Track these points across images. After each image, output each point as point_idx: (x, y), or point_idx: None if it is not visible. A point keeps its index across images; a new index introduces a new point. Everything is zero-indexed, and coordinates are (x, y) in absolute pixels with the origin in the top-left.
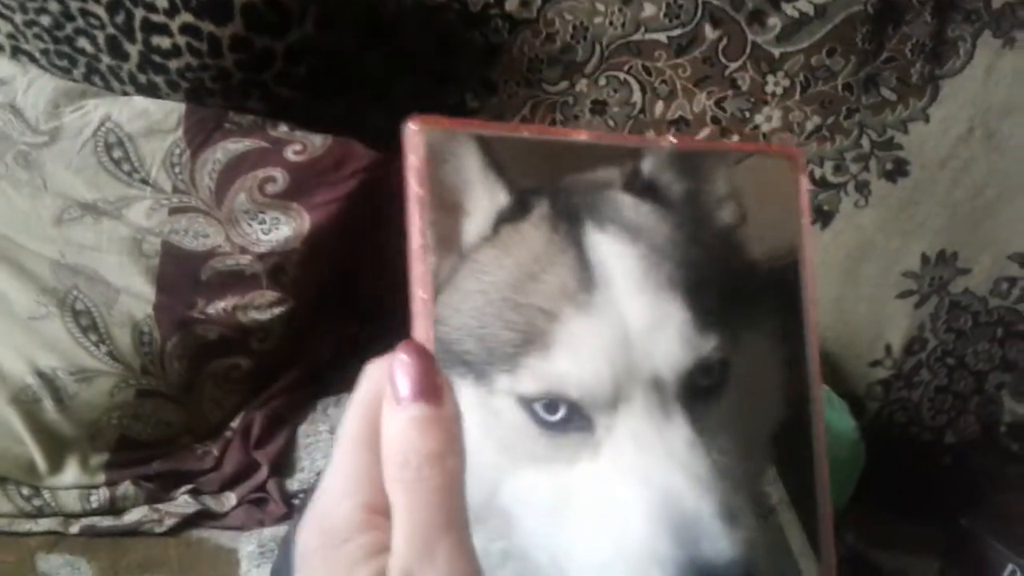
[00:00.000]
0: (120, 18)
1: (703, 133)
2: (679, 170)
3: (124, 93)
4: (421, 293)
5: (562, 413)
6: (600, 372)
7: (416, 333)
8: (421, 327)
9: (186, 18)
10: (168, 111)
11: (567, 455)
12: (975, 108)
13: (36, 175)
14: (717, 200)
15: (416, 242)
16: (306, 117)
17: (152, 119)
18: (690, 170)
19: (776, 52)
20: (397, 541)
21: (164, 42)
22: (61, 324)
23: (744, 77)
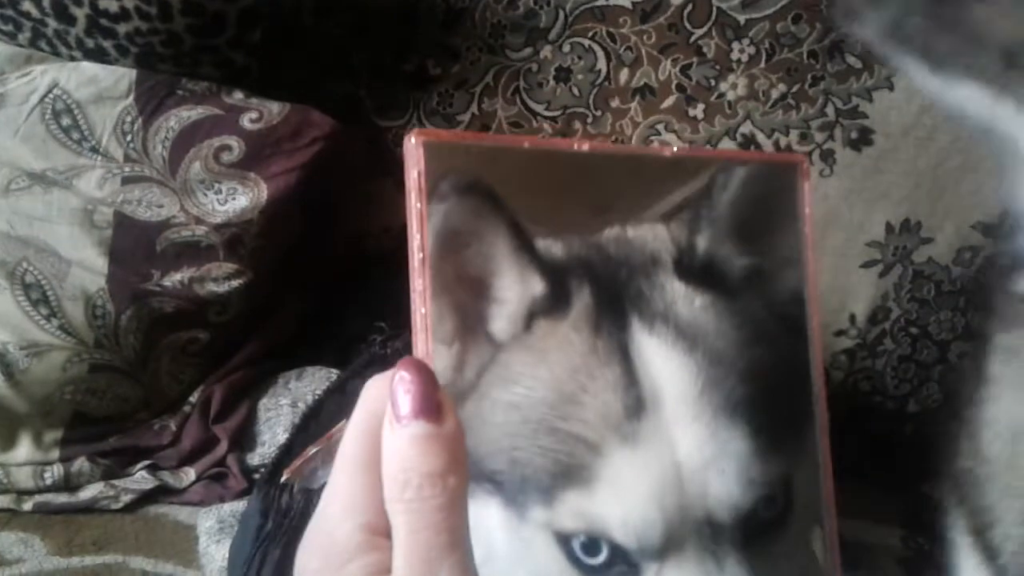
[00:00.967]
0: None
1: (668, 101)
2: (739, 239)
3: (71, 58)
4: (421, 308)
5: (604, 556)
6: (649, 516)
7: (416, 350)
8: (421, 343)
9: None
10: (118, 77)
11: None
12: None
13: None
14: (781, 264)
15: (416, 258)
16: (262, 84)
17: (101, 86)
18: (751, 236)
19: (741, 19)
20: (398, 562)
21: (112, 5)
22: (11, 297)
23: (709, 44)
